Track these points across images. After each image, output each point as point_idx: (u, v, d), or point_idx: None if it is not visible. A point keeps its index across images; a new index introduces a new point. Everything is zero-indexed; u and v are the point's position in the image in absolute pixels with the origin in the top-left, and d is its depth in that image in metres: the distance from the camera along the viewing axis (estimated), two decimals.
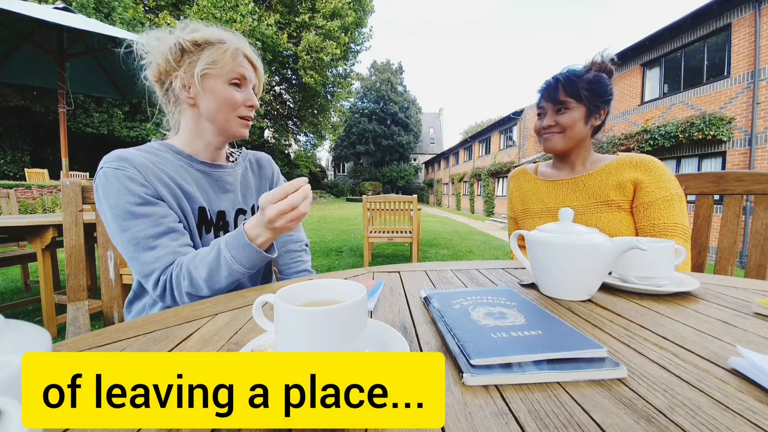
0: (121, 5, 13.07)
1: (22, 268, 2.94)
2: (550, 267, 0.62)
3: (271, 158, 1.05)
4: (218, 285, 0.68)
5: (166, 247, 0.69)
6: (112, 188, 0.68)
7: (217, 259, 0.67)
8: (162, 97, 0.82)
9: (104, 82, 4.13)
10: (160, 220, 0.70)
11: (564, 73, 1.05)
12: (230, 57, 0.77)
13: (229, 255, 0.67)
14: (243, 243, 0.67)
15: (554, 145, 1.09)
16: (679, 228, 0.96)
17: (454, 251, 6.13)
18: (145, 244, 0.68)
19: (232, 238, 0.68)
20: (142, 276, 0.70)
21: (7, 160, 13.63)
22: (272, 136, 22.05)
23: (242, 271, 0.68)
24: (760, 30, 6.21)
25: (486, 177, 18.05)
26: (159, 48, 0.77)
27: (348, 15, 15.82)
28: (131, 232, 0.68)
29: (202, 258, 0.68)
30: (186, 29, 0.78)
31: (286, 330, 0.33)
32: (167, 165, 0.77)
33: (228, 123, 0.81)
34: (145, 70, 0.81)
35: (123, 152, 0.72)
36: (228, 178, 0.88)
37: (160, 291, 0.69)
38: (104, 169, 0.69)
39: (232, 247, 0.67)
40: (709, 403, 0.31)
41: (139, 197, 0.69)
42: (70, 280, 0.89)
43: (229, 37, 0.79)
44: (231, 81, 0.79)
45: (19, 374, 0.17)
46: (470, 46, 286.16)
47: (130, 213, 0.68)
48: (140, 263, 0.69)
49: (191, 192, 0.78)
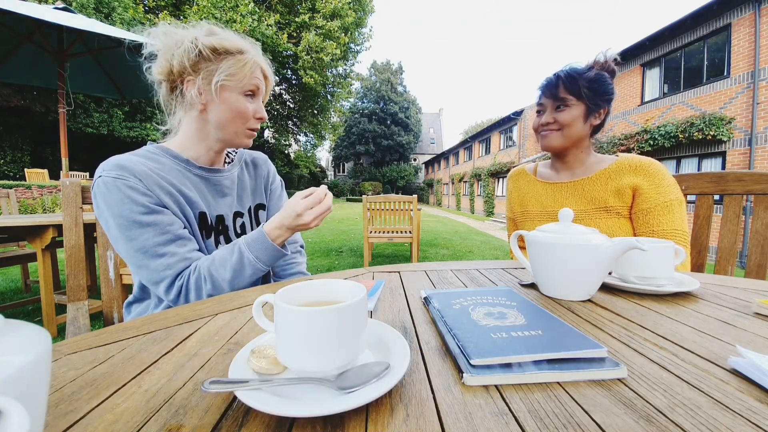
0: (121, 5, 13.06)
1: (22, 268, 2.94)
2: (550, 267, 0.62)
3: (267, 158, 1.05)
4: (241, 284, 0.72)
5: (175, 254, 0.70)
6: (113, 198, 0.67)
7: (240, 261, 0.72)
8: (166, 96, 0.80)
9: (104, 82, 4.13)
10: (166, 228, 0.70)
11: (565, 70, 1.04)
12: (249, 71, 0.77)
13: (252, 256, 0.72)
14: (266, 245, 0.73)
15: (551, 143, 1.08)
16: (678, 234, 0.96)
17: (454, 251, 6.13)
18: (153, 252, 0.68)
19: (252, 240, 0.73)
20: (151, 283, 0.70)
21: (7, 160, 13.63)
22: (272, 136, 22.06)
23: (264, 269, 0.74)
24: (760, 30, 6.21)
25: (486, 177, 18.04)
26: (169, 45, 0.75)
27: (348, 15, 15.82)
28: (139, 241, 0.68)
29: (223, 261, 0.71)
30: (202, 30, 0.77)
31: (286, 330, 0.33)
32: (166, 170, 0.76)
33: (236, 134, 0.81)
34: (150, 61, 0.78)
35: (121, 160, 0.70)
36: (225, 182, 0.87)
37: (175, 296, 0.69)
38: (103, 178, 0.68)
39: (254, 248, 0.73)
40: (709, 403, 0.31)
41: (143, 206, 0.68)
42: (70, 280, 0.89)
43: (248, 47, 0.79)
44: (245, 93, 0.79)
45: (19, 374, 0.17)
46: (470, 46, 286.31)
47: (136, 222, 0.68)
48: (150, 271, 0.69)
49: (192, 197, 0.78)
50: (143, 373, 0.37)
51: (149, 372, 0.37)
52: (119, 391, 0.34)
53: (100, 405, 0.32)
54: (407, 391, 0.33)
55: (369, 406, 0.30)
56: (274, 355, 0.36)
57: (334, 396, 0.31)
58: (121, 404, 0.32)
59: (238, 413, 0.30)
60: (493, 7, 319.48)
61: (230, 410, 0.30)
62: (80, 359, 0.41)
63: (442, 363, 0.38)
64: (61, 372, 0.38)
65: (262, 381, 0.32)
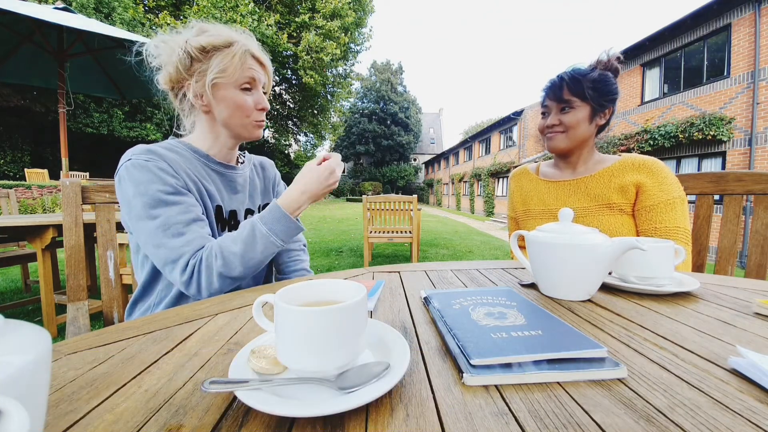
0: (121, 5, 13.06)
1: (22, 268, 2.94)
2: (550, 267, 0.62)
3: (273, 163, 1.10)
4: (253, 261, 0.70)
5: (195, 232, 0.71)
6: (143, 177, 0.69)
7: (252, 234, 0.70)
8: (176, 103, 0.83)
9: (104, 82, 4.13)
10: (190, 208, 0.72)
11: (569, 72, 1.04)
12: (239, 62, 0.77)
13: (265, 228, 0.70)
14: (280, 215, 0.71)
15: (557, 145, 1.08)
16: (680, 231, 0.96)
17: (454, 251, 6.13)
18: (175, 229, 0.69)
19: (266, 212, 0.72)
20: (169, 262, 0.69)
21: (7, 160, 13.62)
22: (272, 136, 22.05)
23: (278, 244, 0.72)
24: (760, 30, 6.21)
25: (486, 177, 18.04)
26: (167, 52, 0.77)
27: (348, 15, 15.81)
28: (163, 218, 0.69)
29: (235, 237, 0.70)
30: (192, 30, 0.78)
31: (286, 330, 0.33)
32: (188, 163, 0.79)
33: (243, 128, 0.83)
34: (156, 74, 0.81)
35: (151, 146, 0.75)
36: (239, 179, 0.91)
37: (188, 276, 0.68)
38: (133, 160, 0.71)
39: (267, 221, 0.71)
40: (709, 403, 0.31)
41: (171, 186, 0.71)
42: (70, 280, 0.89)
43: (236, 36, 0.79)
44: (242, 86, 0.79)
45: (20, 374, 0.17)
46: (470, 46, 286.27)
47: (162, 201, 0.69)
48: (168, 249, 0.68)
49: (211, 190, 0.81)
50: (143, 373, 0.37)
51: (149, 372, 0.37)
52: (119, 391, 0.34)
53: (100, 405, 0.32)
54: (407, 391, 0.33)
55: (369, 406, 0.30)
56: (274, 355, 0.36)
57: (334, 396, 0.31)
58: (121, 404, 0.32)
59: (238, 413, 0.30)
60: (493, 7, 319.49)
61: (230, 410, 0.30)
62: (80, 359, 0.41)
63: (442, 363, 0.38)
64: (61, 372, 0.38)
65: (262, 381, 0.32)
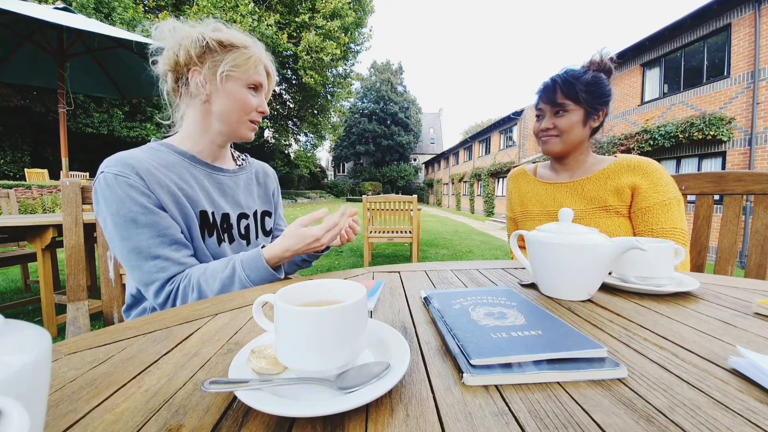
0: (121, 5, 13.06)
1: (22, 268, 2.94)
2: (550, 267, 0.62)
3: (276, 175, 1.11)
4: None
5: (169, 258, 0.70)
6: (113, 195, 0.67)
7: (232, 277, 0.71)
8: (171, 88, 0.82)
9: (104, 82, 4.13)
10: (163, 230, 0.70)
11: (562, 75, 1.04)
12: (253, 64, 0.80)
13: (243, 274, 0.71)
14: (261, 266, 0.72)
15: (552, 148, 1.09)
16: (677, 232, 0.96)
17: (454, 251, 6.13)
18: (147, 253, 0.68)
19: (249, 259, 0.72)
20: (142, 284, 0.70)
21: (7, 160, 13.61)
22: (272, 136, 22.06)
23: (252, 288, 0.73)
24: (760, 30, 6.21)
25: (486, 177, 18.04)
26: (176, 38, 0.77)
27: (348, 15, 15.81)
28: (134, 241, 0.68)
29: (214, 273, 0.70)
30: (209, 27, 0.80)
31: (286, 330, 0.33)
32: (170, 167, 0.77)
33: (239, 124, 0.83)
34: (157, 56, 0.80)
35: (124, 157, 0.71)
36: (228, 182, 0.88)
37: (163, 300, 0.69)
38: (105, 174, 0.68)
39: (248, 267, 0.71)
40: (709, 403, 0.31)
41: (142, 206, 0.68)
42: (70, 280, 0.89)
43: (252, 43, 0.82)
44: (249, 86, 0.81)
45: (20, 374, 0.17)
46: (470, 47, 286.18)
47: (133, 222, 0.68)
48: (142, 272, 0.69)
49: (193, 196, 0.78)
50: (143, 373, 0.37)
51: (149, 372, 0.37)
52: (119, 391, 0.34)
53: (100, 405, 0.32)
54: (407, 391, 0.33)
55: (369, 406, 0.30)
56: (274, 355, 0.36)
57: (334, 396, 0.31)
58: (121, 404, 0.32)
59: (238, 413, 0.30)
60: (493, 7, 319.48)
61: (230, 410, 0.30)
62: (80, 359, 0.41)
63: (442, 363, 0.38)
64: (61, 372, 0.38)
65: (262, 381, 0.32)
